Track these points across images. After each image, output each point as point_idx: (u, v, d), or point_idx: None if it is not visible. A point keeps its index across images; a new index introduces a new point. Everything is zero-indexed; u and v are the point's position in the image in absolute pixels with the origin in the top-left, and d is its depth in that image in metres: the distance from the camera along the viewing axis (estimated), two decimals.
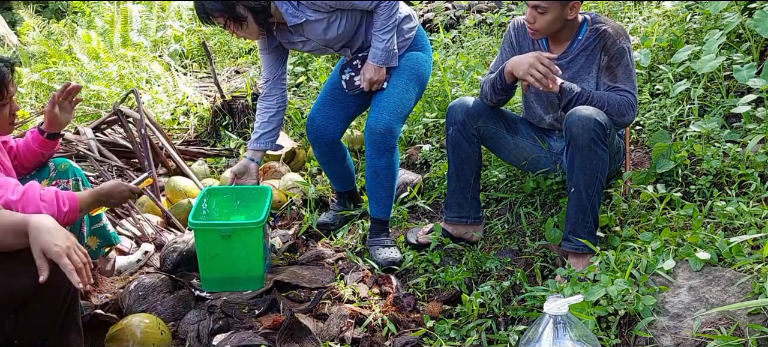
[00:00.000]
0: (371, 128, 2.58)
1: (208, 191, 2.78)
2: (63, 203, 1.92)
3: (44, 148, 2.35)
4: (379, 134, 2.57)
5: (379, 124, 2.57)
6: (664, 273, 1.96)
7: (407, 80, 2.63)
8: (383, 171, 2.63)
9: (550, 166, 2.62)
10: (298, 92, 4.87)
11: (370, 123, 2.59)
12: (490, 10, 5.16)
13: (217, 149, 4.35)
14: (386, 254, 2.63)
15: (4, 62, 2.01)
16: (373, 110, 2.62)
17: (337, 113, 2.79)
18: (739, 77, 2.70)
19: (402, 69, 2.65)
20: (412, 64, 2.66)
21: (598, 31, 2.36)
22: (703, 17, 3.29)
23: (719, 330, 1.73)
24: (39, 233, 1.55)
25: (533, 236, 2.59)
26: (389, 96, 2.60)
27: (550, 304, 1.58)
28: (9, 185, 1.88)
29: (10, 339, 1.96)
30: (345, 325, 2.26)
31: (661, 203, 2.33)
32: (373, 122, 2.58)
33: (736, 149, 2.45)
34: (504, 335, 2.06)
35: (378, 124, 2.57)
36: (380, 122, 2.57)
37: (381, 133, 2.57)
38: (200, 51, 6.20)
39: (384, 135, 2.57)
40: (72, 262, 1.54)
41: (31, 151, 2.33)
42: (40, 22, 6.84)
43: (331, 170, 2.96)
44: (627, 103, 2.30)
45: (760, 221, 2.11)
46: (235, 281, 2.52)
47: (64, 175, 2.36)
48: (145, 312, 2.36)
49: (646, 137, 2.90)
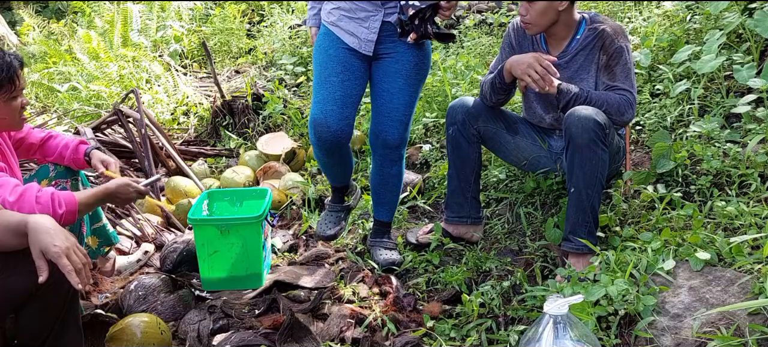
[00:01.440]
0: (385, 141, 2.49)
1: (209, 194, 2.79)
2: (59, 205, 1.91)
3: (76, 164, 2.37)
4: (394, 147, 2.50)
5: (394, 137, 2.48)
6: (664, 273, 1.96)
7: (417, 85, 2.50)
8: (393, 179, 2.60)
9: (550, 166, 2.62)
10: (298, 92, 4.87)
11: (384, 136, 2.48)
12: (490, 10, 5.16)
13: (217, 149, 4.35)
14: (387, 256, 2.63)
15: (14, 56, 2.01)
16: (385, 121, 2.48)
17: (350, 110, 2.41)
18: (739, 77, 2.70)
19: (413, 73, 2.46)
20: (422, 69, 2.49)
21: (596, 31, 2.36)
22: (703, 17, 3.28)
23: (719, 330, 1.73)
24: (38, 234, 1.55)
25: (533, 236, 2.59)
26: (401, 105, 2.46)
27: (550, 304, 1.58)
28: (8, 186, 1.88)
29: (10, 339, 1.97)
30: (345, 325, 2.26)
31: (661, 203, 2.33)
32: (386, 134, 2.48)
33: (736, 149, 2.44)
34: (504, 335, 2.06)
35: (393, 137, 2.48)
36: (395, 134, 2.47)
37: (396, 146, 2.51)
38: (200, 51, 6.20)
39: (399, 147, 2.52)
40: (71, 262, 1.54)
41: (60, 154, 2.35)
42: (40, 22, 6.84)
43: (338, 171, 2.64)
44: (626, 102, 2.30)
45: (760, 221, 2.10)
46: (235, 280, 2.52)
47: (64, 175, 2.36)
48: (145, 312, 2.36)
49: (646, 137, 2.90)
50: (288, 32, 5.74)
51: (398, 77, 2.45)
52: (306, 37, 5.50)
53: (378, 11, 2.38)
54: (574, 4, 2.36)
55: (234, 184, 3.56)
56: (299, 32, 5.68)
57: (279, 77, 5.10)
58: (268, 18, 6.47)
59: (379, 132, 2.50)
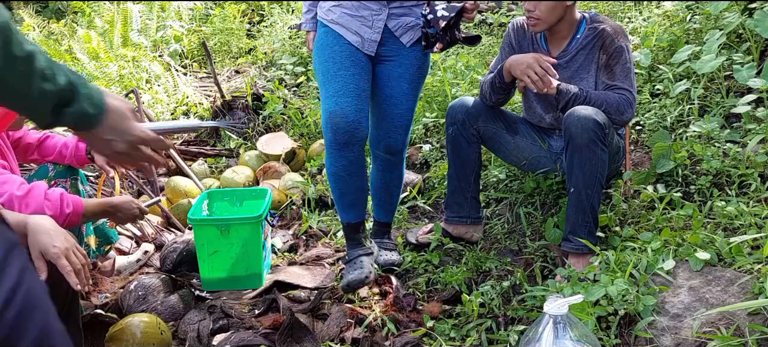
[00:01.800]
0: (389, 146, 2.45)
1: (209, 194, 2.79)
2: (67, 205, 1.92)
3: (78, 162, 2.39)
4: (397, 152, 2.48)
5: (398, 142, 2.44)
6: (664, 273, 1.96)
7: (419, 88, 2.45)
8: (395, 182, 2.59)
9: (550, 166, 2.62)
10: (298, 92, 4.87)
11: (388, 141, 2.44)
12: (490, 10, 5.15)
13: (217, 149, 4.35)
14: (387, 257, 2.63)
15: None
16: (389, 127, 2.41)
17: (365, 104, 2.28)
18: (739, 77, 2.70)
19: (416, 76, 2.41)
20: (424, 71, 2.45)
21: (596, 30, 2.36)
22: (703, 17, 3.28)
23: (719, 330, 1.73)
24: (38, 234, 1.55)
25: (533, 236, 2.59)
26: (405, 110, 2.40)
27: (550, 304, 1.58)
28: (15, 182, 1.89)
29: None
30: (345, 325, 2.26)
31: (661, 203, 2.33)
32: (390, 140, 2.43)
33: (736, 149, 2.44)
34: (504, 335, 2.06)
35: (397, 143, 2.44)
36: (399, 140, 2.44)
37: (399, 150, 2.48)
38: (200, 51, 6.20)
39: (401, 152, 2.51)
40: (70, 263, 1.54)
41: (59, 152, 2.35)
42: (40, 22, 6.83)
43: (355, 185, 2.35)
44: (625, 101, 2.30)
45: (760, 221, 2.10)
46: (235, 280, 2.52)
47: (63, 174, 2.36)
48: (145, 312, 2.36)
49: (646, 137, 2.90)
50: (288, 32, 5.73)
51: (402, 81, 2.37)
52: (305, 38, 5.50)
53: (382, 10, 2.30)
54: (575, 3, 2.36)
55: (234, 184, 3.56)
56: (299, 32, 5.68)
57: (279, 77, 5.10)
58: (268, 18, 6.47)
59: (381, 138, 2.44)
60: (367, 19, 2.31)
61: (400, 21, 2.33)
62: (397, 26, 2.33)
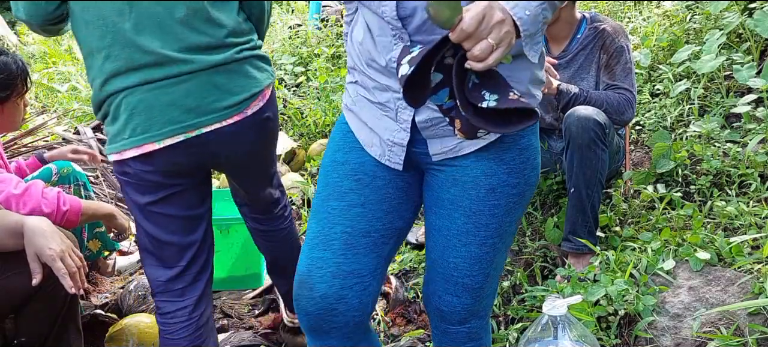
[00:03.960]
0: (439, 310, 1.49)
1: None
2: (64, 203, 1.91)
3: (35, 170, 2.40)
4: (455, 322, 1.52)
5: (452, 306, 1.43)
6: (664, 273, 1.96)
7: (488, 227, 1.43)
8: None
9: (550, 166, 2.62)
10: (298, 92, 4.86)
11: (437, 302, 1.52)
12: None
13: None
14: None
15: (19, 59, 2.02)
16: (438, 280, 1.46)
17: (360, 264, 1.33)
18: (739, 77, 2.70)
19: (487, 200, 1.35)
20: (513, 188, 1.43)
21: (597, 30, 2.36)
22: (703, 17, 3.28)
23: (719, 330, 1.73)
24: (34, 236, 1.55)
25: (533, 236, 2.59)
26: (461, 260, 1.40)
27: (550, 304, 1.58)
28: (11, 181, 1.89)
29: (9, 340, 1.97)
30: None
31: (661, 203, 2.33)
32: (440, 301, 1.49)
33: (736, 149, 2.45)
34: (504, 335, 2.06)
35: (450, 306, 1.47)
36: (453, 304, 1.44)
37: (458, 320, 1.54)
38: None
39: (465, 321, 1.72)
40: (66, 266, 1.54)
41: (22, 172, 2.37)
42: None
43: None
44: (625, 101, 2.30)
45: (760, 221, 2.10)
46: (235, 280, 2.52)
47: (66, 180, 2.36)
48: (145, 312, 2.36)
49: (646, 137, 2.90)
50: (288, 32, 5.73)
51: (456, 211, 1.33)
52: (306, 37, 5.49)
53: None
54: (575, 3, 2.36)
55: None
56: (299, 32, 5.68)
57: (279, 77, 5.10)
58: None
59: (430, 294, 1.47)
60: (385, 108, 1.28)
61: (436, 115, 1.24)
62: (428, 123, 1.26)
